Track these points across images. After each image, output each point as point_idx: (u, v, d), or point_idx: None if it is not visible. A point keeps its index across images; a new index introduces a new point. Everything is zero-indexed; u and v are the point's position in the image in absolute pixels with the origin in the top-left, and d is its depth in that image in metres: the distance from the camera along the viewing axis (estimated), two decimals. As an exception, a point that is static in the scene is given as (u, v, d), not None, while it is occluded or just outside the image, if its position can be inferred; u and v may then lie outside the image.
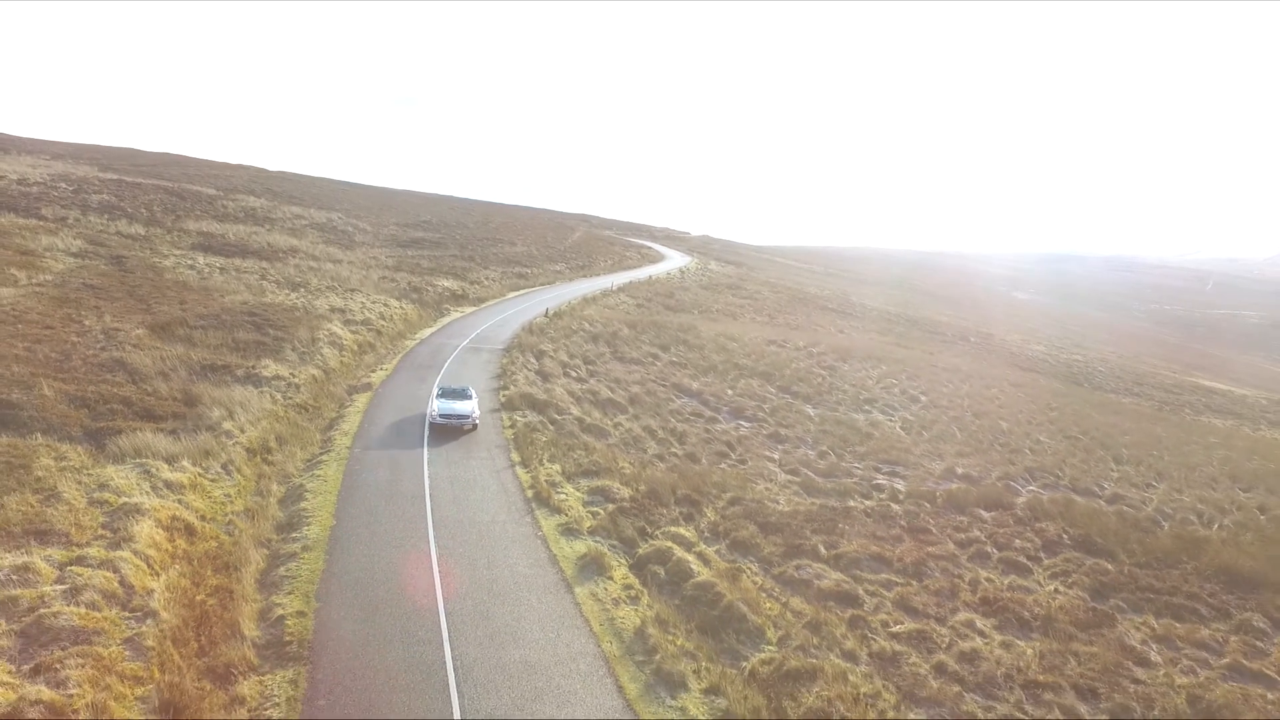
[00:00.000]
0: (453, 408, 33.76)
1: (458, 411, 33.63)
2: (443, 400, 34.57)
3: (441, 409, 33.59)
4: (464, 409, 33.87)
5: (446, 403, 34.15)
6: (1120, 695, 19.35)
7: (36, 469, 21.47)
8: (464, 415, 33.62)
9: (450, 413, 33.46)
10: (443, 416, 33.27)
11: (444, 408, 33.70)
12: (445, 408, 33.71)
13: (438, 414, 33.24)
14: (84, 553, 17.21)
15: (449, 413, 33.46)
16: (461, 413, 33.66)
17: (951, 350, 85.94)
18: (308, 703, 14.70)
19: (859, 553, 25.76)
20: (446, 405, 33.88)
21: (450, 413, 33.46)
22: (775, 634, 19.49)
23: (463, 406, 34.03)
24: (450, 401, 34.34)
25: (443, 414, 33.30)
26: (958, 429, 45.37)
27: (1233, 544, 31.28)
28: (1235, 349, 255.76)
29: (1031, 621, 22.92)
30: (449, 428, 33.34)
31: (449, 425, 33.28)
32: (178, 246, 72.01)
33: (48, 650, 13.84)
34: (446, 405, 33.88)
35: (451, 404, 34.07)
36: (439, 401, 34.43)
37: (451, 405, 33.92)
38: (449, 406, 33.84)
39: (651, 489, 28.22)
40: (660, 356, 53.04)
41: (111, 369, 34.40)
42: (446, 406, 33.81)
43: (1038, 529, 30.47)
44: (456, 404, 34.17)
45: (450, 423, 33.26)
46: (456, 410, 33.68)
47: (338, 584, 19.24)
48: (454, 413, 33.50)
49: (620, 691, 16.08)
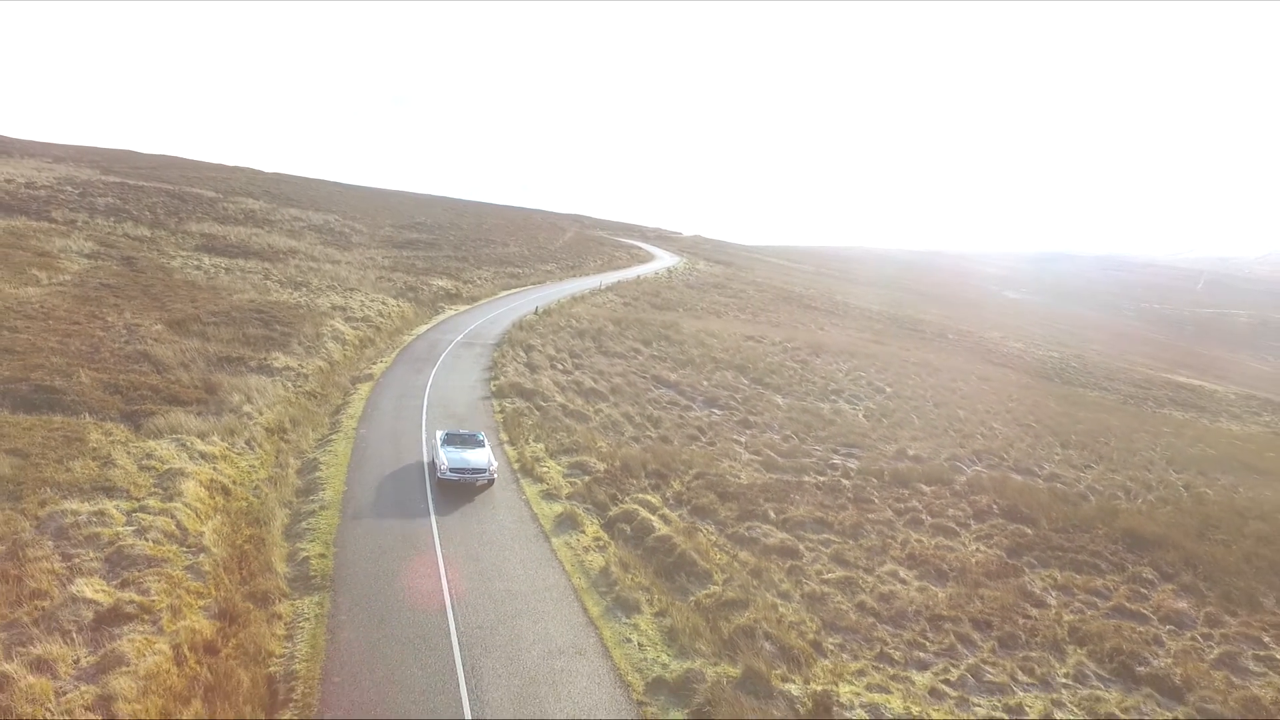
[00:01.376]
0: (464, 459, 27.60)
1: (471, 464, 27.44)
2: (450, 450, 28.29)
3: (452, 461, 27.37)
4: (478, 460, 27.79)
5: (456, 453, 27.99)
6: (1010, 626, 23.16)
7: (90, 441, 25.17)
8: (479, 469, 27.44)
9: (463, 467, 27.30)
10: (454, 472, 27.08)
11: (454, 459, 27.51)
12: (456, 460, 27.52)
13: (447, 469, 27.07)
14: (144, 503, 20.95)
15: (461, 467, 27.29)
16: (476, 465, 27.48)
17: (927, 347, 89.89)
18: (332, 618, 18.46)
19: (805, 517, 29.58)
20: (457, 457, 27.70)
21: (463, 467, 27.30)
22: (721, 577, 23.26)
23: (476, 457, 27.96)
24: (460, 451, 28.23)
25: (454, 469, 27.14)
26: (916, 417, 49.24)
27: (1144, 513, 35.25)
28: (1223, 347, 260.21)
29: (948, 572, 26.75)
30: (461, 485, 27.52)
31: (462, 483, 27.38)
32: (183, 248, 75.59)
33: (129, 571, 17.55)
34: (457, 457, 27.70)
35: (463, 454, 27.94)
36: (446, 451, 28.12)
37: (463, 456, 27.77)
38: (460, 458, 27.62)
39: (625, 464, 32.02)
40: (642, 351, 56.86)
41: (137, 360, 38.07)
42: (457, 458, 27.59)
43: (971, 501, 34.32)
44: (469, 454, 28.07)
45: (464, 479, 27.20)
46: (470, 463, 27.49)
47: (351, 534, 23.00)
48: (466, 466, 27.35)
49: (585, 612, 19.93)
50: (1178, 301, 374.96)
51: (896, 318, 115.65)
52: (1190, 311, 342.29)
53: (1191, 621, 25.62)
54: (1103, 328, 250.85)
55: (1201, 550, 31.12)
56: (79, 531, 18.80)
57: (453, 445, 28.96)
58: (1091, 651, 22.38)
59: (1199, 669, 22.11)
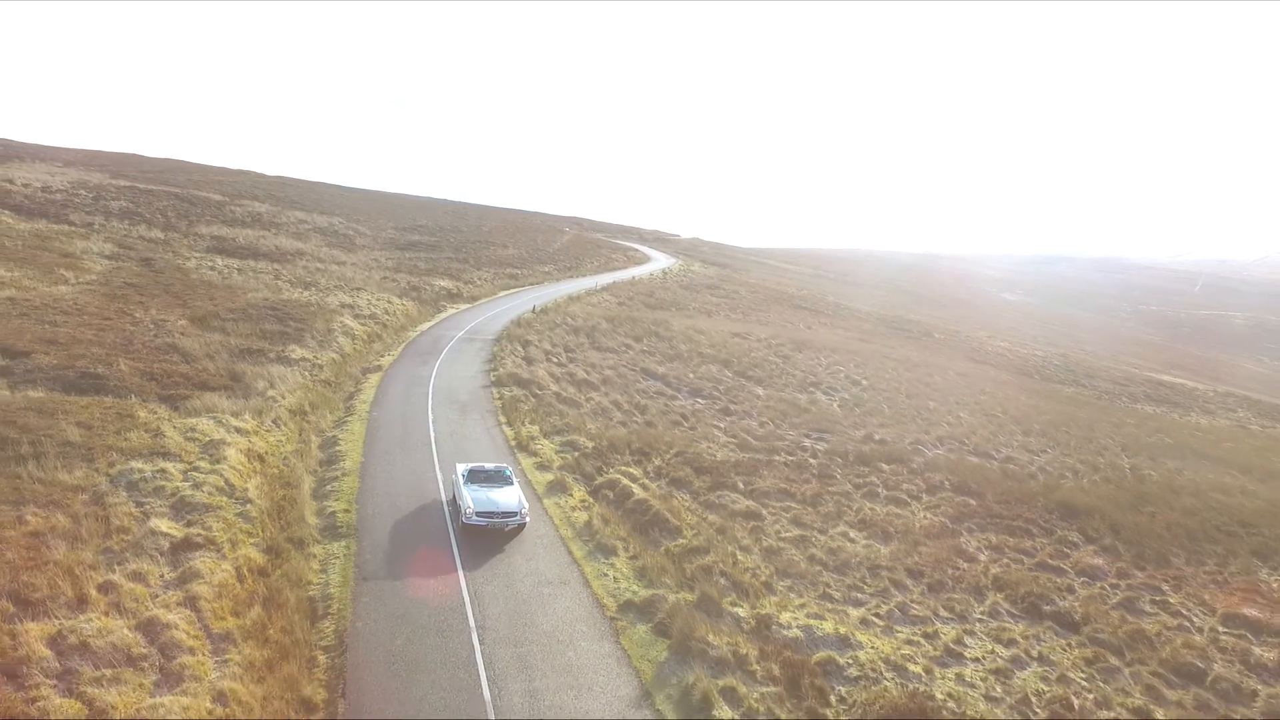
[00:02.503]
0: (493, 501, 24.36)
1: (500, 507, 24.19)
2: (475, 489, 25.06)
3: (479, 504, 24.11)
4: (508, 501, 24.57)
5: (482, 493, 24.77)
6: (940, 575, 26.96)
7: (140, 418, 28.96)
8: (509, 513, 24.21)
9: (491, 510, 24.04)
10: (481, 517, 23.82)
11: (481, 501, 24.24)
12: (483, 502, 24.25)
13: (474, 513, 23.80)
14: (195, 465, 24.76)
15: (489, 510, 24.01)
16: (506, 508, 24.23)
17: (911, 345, 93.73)
18: (358, 556, 22.28)
19: (771, 488, 33.42)
20: (483, 498, 24.47)
21: (491, 510, 24.04)
22: (689, 532, 27.05)
23: (506, 498, 24.76)
24: (487, 491, 24.99)
25: (481, 513, 23.87)
26: (887, 406, 53.07)
27: (1083, 489, 39.07)
28: (1220, 349, 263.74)
29: (893, 534, 30.54)
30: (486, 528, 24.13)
31: (491, 528, 23.98)
32: (195, 249, 79.48)
33: (192, 514, 21.34)
34: (483, 498, 24.47)
35: (490, 495, 24.74)
36: (471, 491, 24.85)
37: (491, 498, 24.55)
38: (487, 500, 24.40)
39: (611, 443, 35.85)
40: (633, 346, 60.71)
41: (167, 351, 41.89)
42: (484, 500, 24.37)
43: (926, 478, 38.12)
44: (497, 494, 24.90)
45: (492, 524, 23.88)
46: (499, 505, 24.26)
47: (370, 495, 26.84)
48: (495, 510, 24.08)
49: (570, 554, 23.80)
50: (1175, 303, 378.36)
51: (885, 318, 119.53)
52: (1187, 313, 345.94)
53: (1104, 574, 29.43)
54: (1098, 329, 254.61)
55: (1127, 519, 34.96)
56: (146, 485, 22.59)
57: (477, 483, 25.50)
58: (1008, 595, 26.18)
59: (1099, 609, 25.91)
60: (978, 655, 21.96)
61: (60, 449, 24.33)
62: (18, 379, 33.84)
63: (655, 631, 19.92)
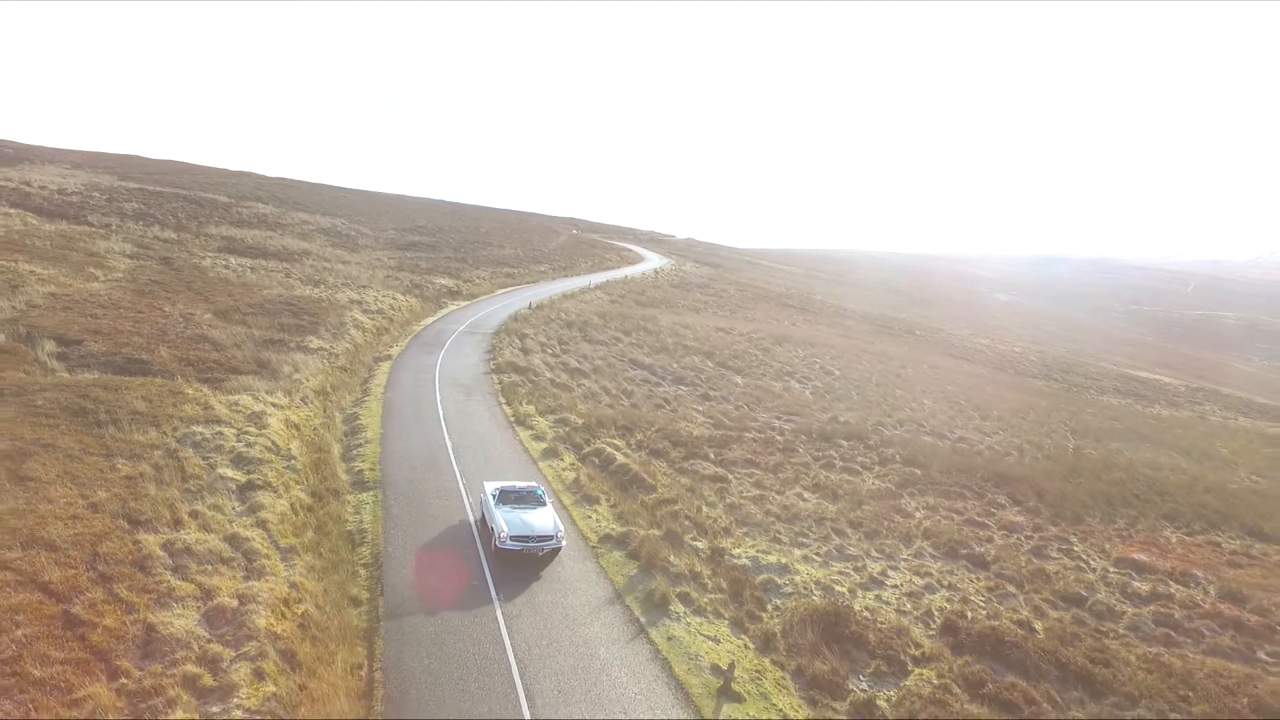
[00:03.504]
0: (528, 524, 23.62)
1: (535, 530, 23.51)
2: (507, 511, 24.26)
3: (513, 527, 23.43)
4: (543, 524, 23.86)
5: (515, 515, 23.96)
6: (877, 526, 31.85)
7: (189, 394, 33.78)
8: (545, 536, 23.59)
9: (526, 534, 23.35)
10: (516, 541, 23.17)
11: (515, 525, 23.52)
12: (518, 525, 23.53)
13: (508, 537, 23.15)
14: (245, 430, 29.61)
15: (525, 534, 23.32)
16: (541, 531, 23.57)
17: (891, 341, 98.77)
18: (385, 503, 27.15)
19: (738, 458, 38.34)
20: (518, 520, 23.71)
21: (526, 534, 23.35)
22: (662, 489, 31.95)
23: (541, 520, 24.01)
24: (521, 513, 24.12)
25: (516, 537, 23.21)
26: (855, 393, 58.05)
27: (1022, 464, 44.01)
28: (1211, 349, 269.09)
29: (842, 495, 35.45)
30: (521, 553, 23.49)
31: (527, 553, 23.34)
32: (207, 249, 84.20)
33: (249, 465, 26.20)
34: (518, 520, 23.71)
35: (524, 517, 23.91)
36: (503, 513, 24.08)
37: (525, 520, 23.78)
38: (522, 523, 23.65)
39: (598, 420, 40.78)
40: (622, 340, 65.64)
41: (198, 341, 46.69)
42: (518, 523, 23.62)
43: (880, 452, 43.08)
44: (531, 516, 24.08)
45: (528, 549, 23.25)
46: (534, 529, 23.54)
47: (390, 458, 31.73)
48: (531, 533, 23.39)
49: (560, 502, 28.73)
50: (1168, 304, 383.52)
51: (870, 316, 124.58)
52: (1179, 314, 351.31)
53: (1022, 529, 34.38)
54: (1090, 329, 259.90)
55: (1054, 487, 39.95)
56: (208, 444, 27.45)
57: (508, 505, 24.62)
58: (932, 541, 31.10)
59: (1008, 553, 30.86)
60: (897, 583, 26.88)
61: (131, 416, 29.16)
62: (74, 363, 38.64)
63: (628, 556, 24.86)
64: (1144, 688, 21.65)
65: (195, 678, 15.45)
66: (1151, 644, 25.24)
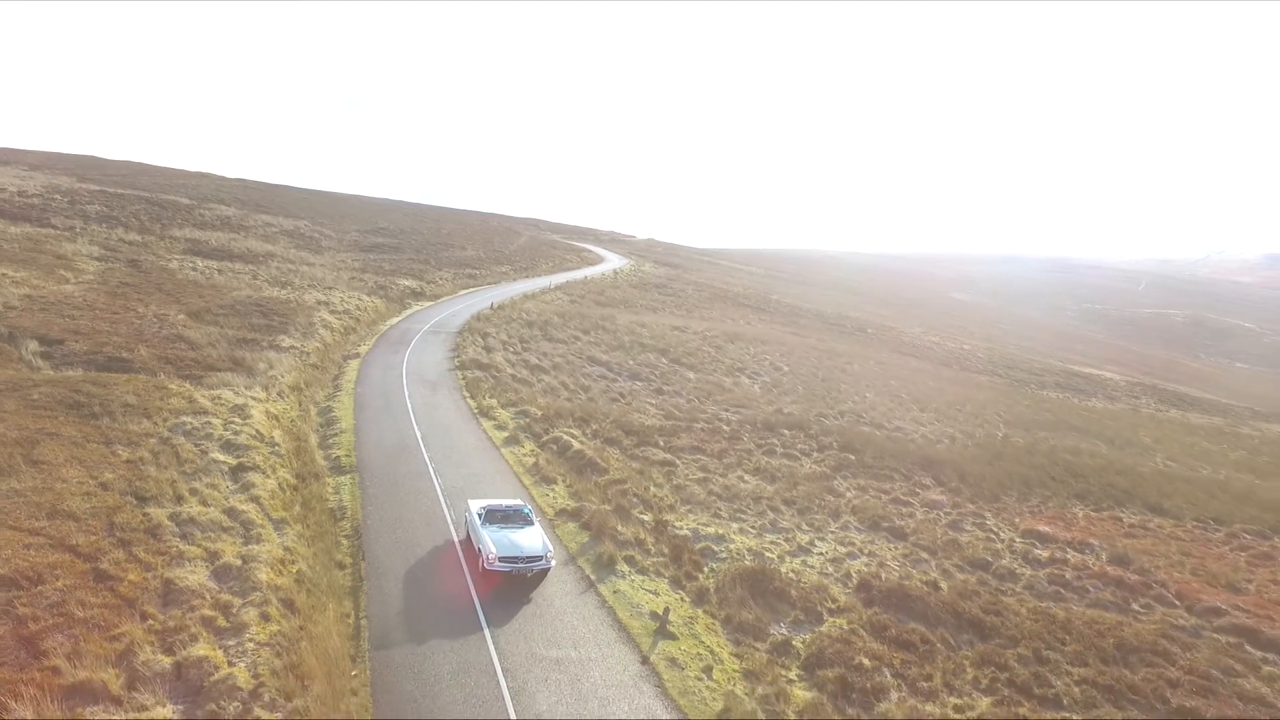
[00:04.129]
0: (516, 545, 23.53)
1: (525, 551, 23.41)
2: (493, 530, 24.25)
3: (501, 548, 23.33)
4: (531, 544, 23.79)
5: (502, 535, 23.95)
6: (809, 504, 35.35)
7: (173, 389, 36.39)
8: (535, 556, 23.48)
9: (514, 555, 23.24)
10: (505, 562, 23.06)
11: (504, 545, 23.45)
12: (506, 545, 23.46)
13: (496, 558, 23.03)
14: (230, 420, 32.36)
15: (513, 555, 23.22)
16: (531, 552, 23.48)
17: (842, 338, 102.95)
18: (362, 483, 30.10)
19: (685, 446, 41.72)
20: (505, 541, 23.66)
21: (514, 555, 23.24)
22: (615, 472, 35.21)
23: (529, 540, 23.95)
24: (509, 533, 24.08)
25: (504, 558, 23.08)
26: (802, 387, 61.77)
27: (949, 450, 47.89)
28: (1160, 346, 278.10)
29: (780, 478, 38.94)
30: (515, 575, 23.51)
31: (516, 573, 23.28)
32: (173, 251, 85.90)
33: (238, 451, 29.01)
34: (505, 541, 23.66)
35: (512, 538, 23.85)
36: (489, 533, 24.10)
37: (513, 541, 23.71)
38: (510, 543, 23.57)
39: (557, 412, 43.94)
40: (581, 338, 68.82)
41: (174, 341, 49.07)
42: (506, 543, 23.56)
43: (819, 440, 46.70)
44: (519, 536, 24.03)
45: (517, 570, 23.19)
46: (523, 549, 23.45)
47: (364, 446, 34.69)
48: (519, 554, 23.28)
49: (520, 483, 31.93)
50: (1119, 302, 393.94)
51: (824, 315, 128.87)
52: (1131, 312, 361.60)
53: (942, 506, 38.14)
54: (1044, 327, 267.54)
55: (976, 470, 43.85)
56: (198, 432, 30.21)
57: (495, 524, 24.60)
58: (859, 517, 34.69)
59: (926, 526, 34.56)
60: (822, 551, 30.39)
61: (123, 409, 31.78)
62: (58, 361, 40.97)
63: (581, 527, 28.15)
64: (1025, 631, 25.33)
65: (211, 619, 18.42)
66: (1043, 599, 28.99)
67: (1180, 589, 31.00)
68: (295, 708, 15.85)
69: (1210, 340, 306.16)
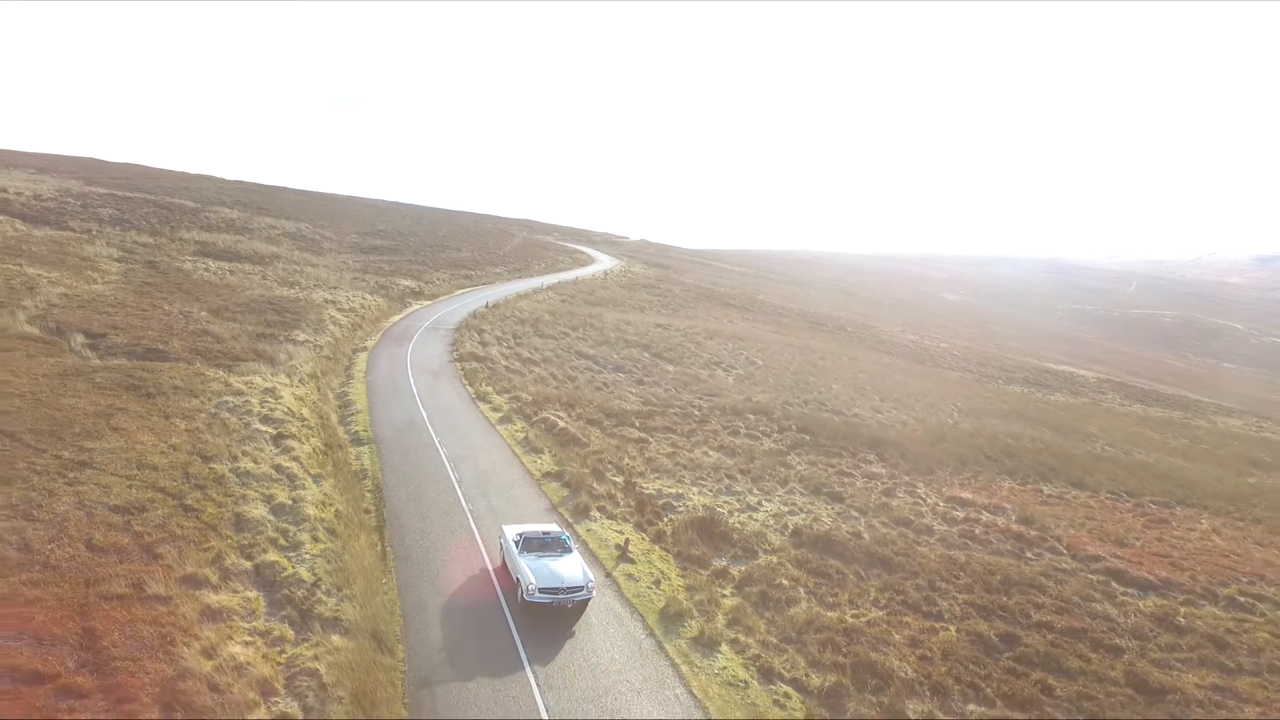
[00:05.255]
0: (557, 575, 23.15)
1: (565, 582, 23.01)
2: (531, 559, 23.87)
3: (541, 579, 22.92)
4: (572, 575, 23.37)
5: (541, 564, 23.58)
6: (762, 474, 41.27)
7: (209, 375, 42.28)
8: (576, 586, 23.05)
9: (555, 585, 22.82)
10: (545, 593, 22.64)
11: (544, 576, 23.06)
12: (546, 576, 23.06)
13: (535, 589, 22.60)
14: (264, 399, 38.24)
15: (554, 586, 22.80)
16: (572, 582, 23.07)
17: (820, 336, 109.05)
18: (380, 451, 36.01)
19: (659, 426, 47.69)
20: (545, 571, 23.27)
21: (555, 585, 22.82)
22: (594, 446, 41.13)
23: (569, 570, 23.56)
24: (548, 562, 23.72)
25: (545, 589, 22.67)
26: (772, 379, 67.79)
27: (898, 433, 53.90)
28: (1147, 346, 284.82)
29: (739, 453, 44.88)
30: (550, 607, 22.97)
31: (558, 605, 22.78)
32: (184, 253, 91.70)
33: (275, 423, 34.89)
34: (545, 571, 23.27)
35: (552, 567, 23.50)
36: (527, 561, 23.73)
37: (553, 570, 23.35)
38: (550, 573, 23.19)
39: (545, 398, 49.91)
40: (570, 334, 74.81)
41: (201, 335, 54.88)
42: (546, 573, 23.18)
43: (780, 423, 52.68)
44: (558, 565, 23.68)
45: (558, 601, 22.71)
46: (564, 579, 23.07)
47: (378, 423, 40.63)
48: (560, 585, 22.87)
49: (512, 452, 38.01)
50: (1109, 303, 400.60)
51: (807, 314, 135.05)
52: (1120, 312, 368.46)
53: (881, 477, 44.13)
54: (1031, 327, 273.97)
55: (918, 449, 49.86)
56: (239, 408, 36.09)
57: (533, 552, 24.16)
58: (804, 484, 40.67)
59: (862, 492, 40.52)
60: (767, 509, 36.36)
61: (172, 389, 37.68)
62: (103, 352, 46.81)
63: (562, 485, 34.20)
64: (927, 568, 31.31)
65: (275, 539, 24.36)
66: (951, 549, 34.95)
67: (1071, 542, 37.04)
68: (345, 594, 21.78)
69: (1197, 340, 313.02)
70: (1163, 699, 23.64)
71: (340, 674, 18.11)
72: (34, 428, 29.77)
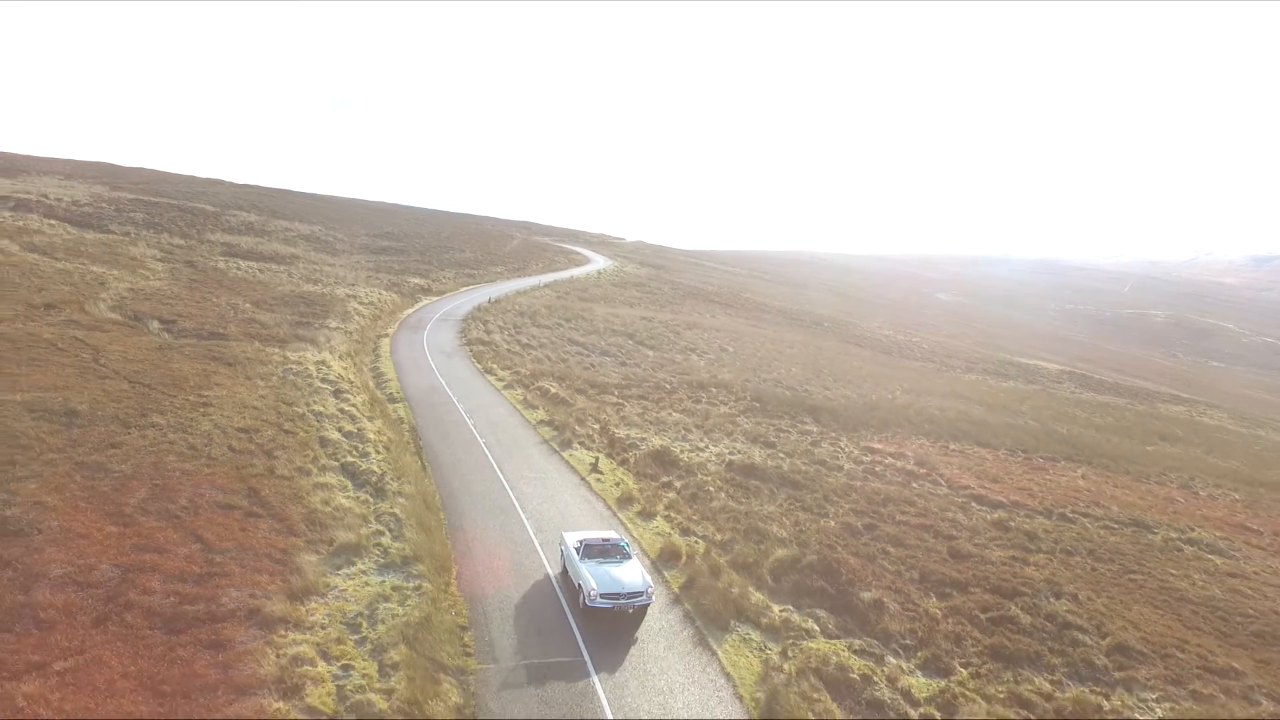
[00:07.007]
0: (618, 581, 24.11)
1: (626, 587, 23.97)
2: (592, 564, 24.86)
3: (602, 584, 23.89)
4: (633, 580, 24.31)
5: (602, 570, 24.57)
6: (713, 429, 52.20)
7: (269, 351, 53.32)
8: (636, 592, 24.02)
9: (616, 591, 23.81)
10: (607, 599, 23.62)
11: (605, 581, 24.02)
12: (606, 581, 24.02)
13: (597, 594, 23.57)
14: (318, 367, 49.30)
15: (615, 591, 23.79)
16: (632, 588, 24.02)
17: (796, 329, 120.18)
18: (413, 407, 47.12)
19: (634, 395, 58.77)
20: (606, 576, 24.23)
21: (616, 591, 23.81)
22: (580, 405, 52.11)
23: (630, 576, 24.48)
24: (609, 568, 24.70)
25: (606, 594, 23.66)
26: (739, 363, 78.89)
27: (837, 403, 64.96)
28: (1137, 345, 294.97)
29: (697, 414, 55.87)
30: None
31: (618, 611, 23.85)
32: (214, 253, 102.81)
33: (331, 384, 45.94)
34: (606, 576, 24.23)
35: (613, 573, 24.46)
36: (588, 567, 24.70)
37: (614, 576, 24.31)
38: (611, 579, 24.16)
39: (541, 372, 61.04)
40: (563, 325, 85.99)
41: (250, 322, 65.94)
42: (607, 579, 24.14)
43: (736, 394, 63.70)
44: (619, 571, 24.64)
45: (619, 606, 23.72)
46: (625, 585, 24.02)
47: (408, 388, 51.88)
48: (621, 590, 23.86)
49: (514, 408, 49.10)
50: (1102, 303, 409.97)
51: (786, 310, 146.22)
52: (1112, 312, 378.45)
53: (812, 434, 55.13)
54: (1021, 326, 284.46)
55: (851, 415, 60.89)
56: (302, 373, 47.16)
57: (593, 559, 25.06)
58: (746, 435, 51.64)
59: (792, 442, 51.48)
60: (712, 451, 47.39)
61: (245, 360, 48.79)
62: (176, 334, 57.91)
63: (552, 429, 45.41)
64: (826, 489, 42.30)
65: (350, 449, 35.43)
66: (853, 480, 45.92)
67: (951, 478, 48.05)
68: (403, 480, 32.82)
69: (1188, 339, 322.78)
70: (967, 559, 34.66)
71: (407, 514, 29.27)
72: (161, 381, 40.93)
